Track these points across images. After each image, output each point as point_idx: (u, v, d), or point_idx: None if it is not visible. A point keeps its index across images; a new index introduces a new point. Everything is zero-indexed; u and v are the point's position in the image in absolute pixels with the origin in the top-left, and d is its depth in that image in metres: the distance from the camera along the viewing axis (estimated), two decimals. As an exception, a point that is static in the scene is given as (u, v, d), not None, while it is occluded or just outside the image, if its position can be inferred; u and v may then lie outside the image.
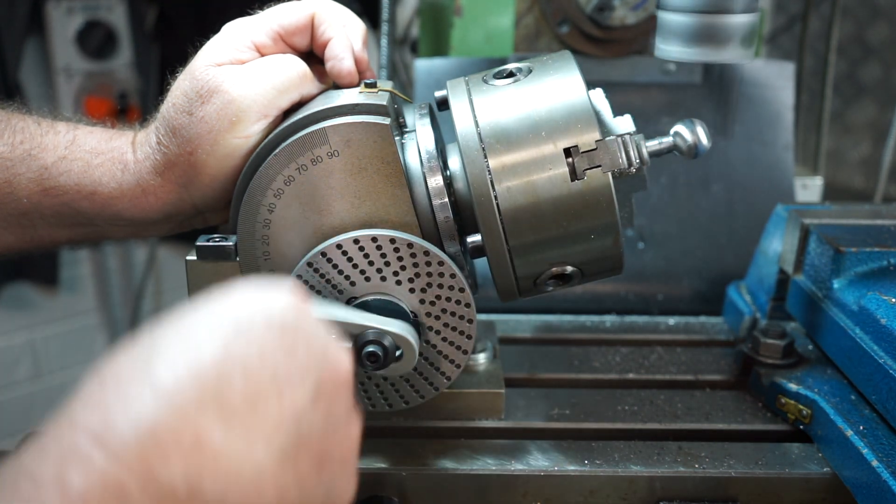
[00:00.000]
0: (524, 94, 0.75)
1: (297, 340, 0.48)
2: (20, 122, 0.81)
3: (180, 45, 0.94)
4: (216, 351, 0.45)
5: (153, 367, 0.44)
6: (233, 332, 0.46)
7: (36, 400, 2.64)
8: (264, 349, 0.46)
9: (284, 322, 0.48)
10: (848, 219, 0.98)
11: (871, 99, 2.67)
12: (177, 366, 0.44)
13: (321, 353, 0.50)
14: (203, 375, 0.44)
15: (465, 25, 1.31)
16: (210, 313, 0.48)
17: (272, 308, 0.49)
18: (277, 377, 0.46)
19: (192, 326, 0.47)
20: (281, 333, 0.48)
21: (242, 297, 0.49)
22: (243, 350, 0.46)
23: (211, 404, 0.43)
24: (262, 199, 0.76)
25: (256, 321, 0.47)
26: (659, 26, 0.86)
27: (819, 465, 0.81)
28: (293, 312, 0.50)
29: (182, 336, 0.46)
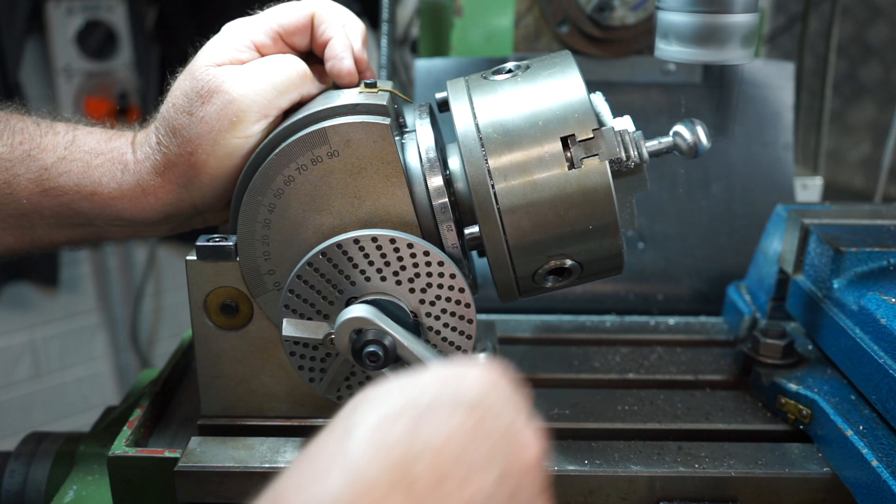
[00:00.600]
0: (523, 93, 0.75)
1: (485, 422, 0.48)
2: (20, 123, 0.81)
3: (180, 45, 0.94)
4: (404, 432, 0.46)
5: (348, 447, 0.45)
6: (420, 413, 0.47)
7: (36, 400, 2.64)
8: (451, 431, 0.46)
9: (472, 402, 0.48)
10: (848, 219, 0.98)
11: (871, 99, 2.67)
12: (369, 447, 0.45)
13: (508, 434, 0.49)
14: (392, 457, 0.44)
15: (465, 25, 1.31)
16: (401, 393, 0.48)
17: (461, 387, 0.49)
18: (463, 460, 0.46)
19: (384, 406, 0.47)
20: (467, 414, 0.48)
21: (435, 376, 0.50)
22: (430, 432, 0.46)
23: (398, 484, 0.44)
24: (262, 198, 0.76)
25: (443, 401, 0.48)
26: (658, 26, 0.86)
27: (819, 465, 0.81)
28: (483, 391, 0.50)
29: (375, 415, 0.47)
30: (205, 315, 0.81)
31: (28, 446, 0.99)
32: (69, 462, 0.94)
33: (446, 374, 0.50)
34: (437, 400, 0.48)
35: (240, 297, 0.80)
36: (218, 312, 0.81)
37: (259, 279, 0.79)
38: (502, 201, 0.72)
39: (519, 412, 0.51)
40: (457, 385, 0.49)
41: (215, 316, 0.81)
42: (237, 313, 0.81)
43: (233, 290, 0.80)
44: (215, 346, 0.82)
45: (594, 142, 0.72)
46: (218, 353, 0.82)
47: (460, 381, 0.50)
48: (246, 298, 0.80)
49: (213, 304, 0.81)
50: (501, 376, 0.52)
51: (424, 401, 0.48)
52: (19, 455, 0.98)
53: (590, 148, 0.72)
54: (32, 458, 0.97)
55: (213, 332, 0.82)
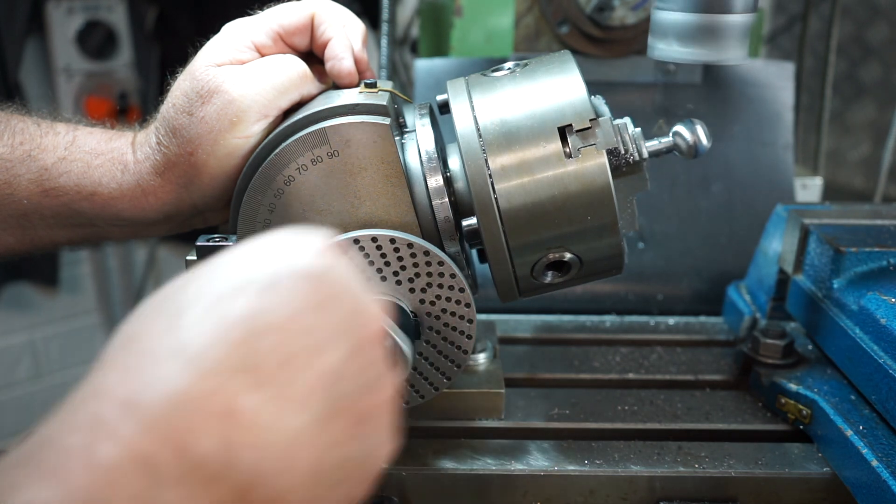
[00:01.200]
0: (523, 91, 0.75)
1: (330, 296, 0.45)
2: (20, 123, 0.81)
3: (180, 45, 0.94)
4: (245, 310, 0.42)
5: (180, 329, 0.41)
6: (262, 288, 0.43)
7: (36, 400, 2.64)
8: (296, 306, 0.43)
9: (316, 274, 0.45)
10: (848, 219, 0.98)
11: (871, 99, 2.67)
12: (205, 328, 0.41)
13: (355, 309, 0.47)
14: (233, 338, 0.41)
15: (465, 25, 1.31)
16: (238, 267, 0.45)
17: (303, 259, 0.46)
18: (310, 337, 0.43)
19: (220, 283, 0.44)
20: (313, 287, 0.45)
21: (271, 248, 0.46)
22: (274, 308, 0.43)
23: (242, 369, 0.41)
24: (263, 198, 0.76)
25: (287, 274, 0.44)
26: (653, 26, 0.86)
27: (819, 465, 0.81)
28: (326, 263, 0.46)
29: (208, 293, 0.43)
30: (205, 315, 0.81)
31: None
32: (69, 462, 0.94)
33: (285, 244, 0.46)
34: (279, 272, 0.44)
35: (240, 297, 0.80)
36: (218, 312, 0.81)
37: (259, 279, 0.79)
38: (503, 204, 0.72)
39: (361, 285, 0.48)
40: (298, 256, 0.46)
41: (215, 316, 0.81)
42: (237, 313, 0.81)
43: (233, 290, 0.80)
44: (215, 346, 0.82)
45: (591, 132, 0.72)
46: (218, 353, 0.82)
47: (301, 251, 0.46)
48: (246, 298, 0.80)
49: (213, 304, 0.80)
50: (341, 246, 0.49)
51: (265, 273, 0.44)
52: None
53: (587, 138, 0.72)
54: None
55: (214, 332, 0.81)
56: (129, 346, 0.42)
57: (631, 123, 0.76)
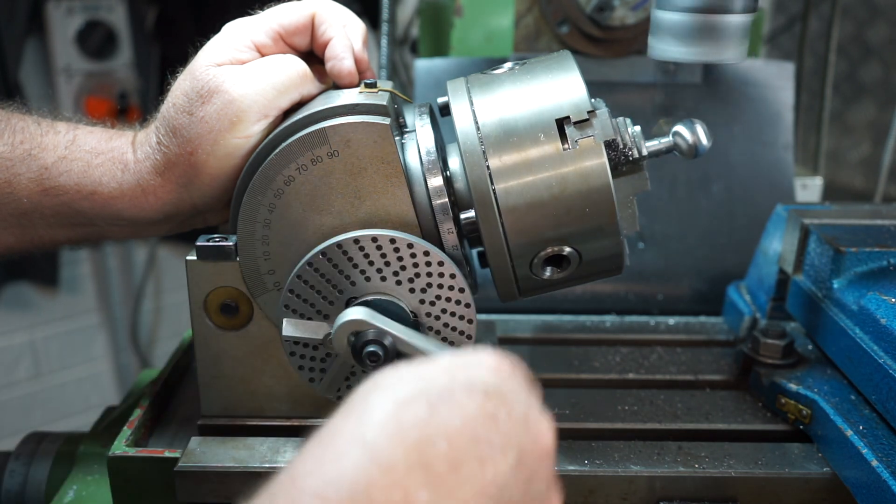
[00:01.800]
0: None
1: (500, 407, 0.49)
2: (20, 122, 0.82)
3: (180, 45, 0.94)
4: (422, 416, 0.46)
5: (366, 429, 0.45)
6: (437, 397, 0.47)
7: (36, 400, 2.64)
8: (467, 416, 0.47)
9: (487, 388, 0.49)
10: (848, 219, 0.98)
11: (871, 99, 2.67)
12: (387, 429, 0.45)
13: (523, 422, 0.50)
14: (410, 440, 0.45)
15: (465, 25, 1.31)
16: (419, 377, 0.49)
17: (476, 373, 0.50)
18: (479, 446, 0.46)
19: (401, 389, 0.48)
20: (483, 399, 0.48)
21: (451, 362, 0.50)
22: (448, 417, 0.46)
23: (417, 466, 0.44)
24: (263, 198, 0.76)
25: (459, 386, 0.48)
26: (653, 26, 0.86)
27: (819, 465, 0.81)
28: (497, 378, 0.50)
29: (392, 398, 0.47)
30: (205, 315, 0.81)
31: (28, 446, 0.99)
32: (69, 462, 0.94)
33: (460, 360, 0.51)
34: (452, 384, 0.48)
35: (240, 297, 0.80)
36: (218, 312, 0.81)
37: (259, 279, 0.79)
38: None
39: (533, 401, 0.52)
40: (472, 371, 0.50)
41: (215, 316, 0.81)
42: (237, 313, 0.81)
43: (233, 290, 0.80)
44: (215, 346, 0.82)
45: (589, 123, 0.72)
46: (218, 353, 0.82)
47: (475, 367, 0.50)
48: (246, 298, 0.80)
49: (213, 304, 0.81)
50: (514, 365, 0.52)
51: (440, 385, 0.48)
52: (19, 455, 0.98)
53: (585, 129, 0.72)
54: (32, 458, 0.97)
55: (213, 332, 0.82)
56: (321, 440, 0.47)
57: (631, 123, 0.77)
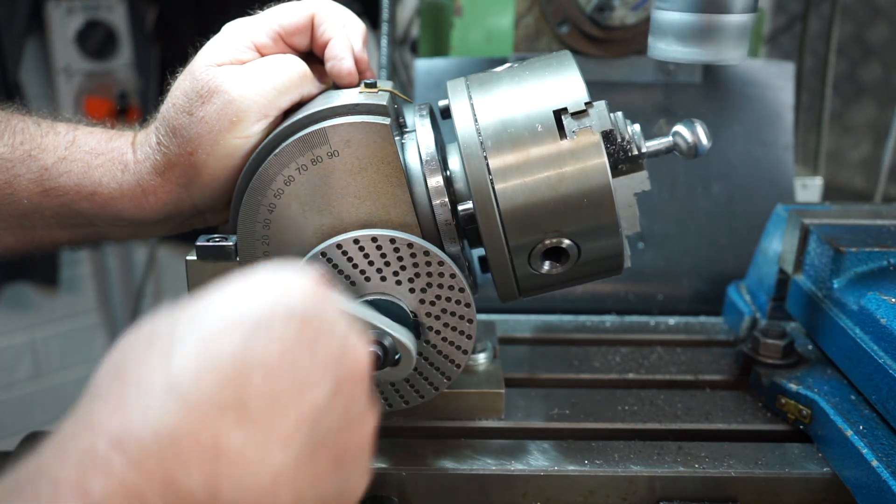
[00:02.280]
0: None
1: (318, 334, 0.47)
2: (20, 123, 0.81)
3: (180, 45, 0.94)
4: (236, 348, 0.44)
5: (172, 365, 0.43)
6: (253, 327, 0.45)
7: (36, 400, 2.64)
8: (285, 345, 0.45)
9: (305, 314, 0.47)
10: (848, 219, 0.98)
11: (871, 99, 2.67)
12: (196, 365, 0.43)
13: (341, 348, 0.48)
14: (223, 376, 0.43)
15: (465, 25, 1.31)
16: (229, 305, 0.46)
17: (293, 298, 0.47)
18: (297, 375, 0.45)
19: (211, 320, 0.45)
20: (301, 327, 0.46)
21: (262, 286, 0.47)
22: (264, 347, 0.44)
23: (230, 407, 0.42)
24: (262, 199, 0.76)
25: (277, 314, 0.46)
26: (653, 26, 0.86)
27: (819, 465, 0.81)
28: (314, 303, 0.48)
29: (201, 330, 0.44)
30: (205, 315, 0.81)
31: (28, 446, 0.99)
32: (69, 462, 0.94)
33: (275, 283, 0.48)
34: (268, 312, 0.46)
35: (240, 297, 0.80)
36: (218, 312, 0.81)
37: (259, 279, 0.79)
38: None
39: (349, 323, 0.50)
40: (287, 295, 0.47)
41: (215, 316, 0.81)
42: (237, 313, 0.81)
43: (233, 290, 0.80)
44: (215, 346, 0.82)
45: (586, 114, 0.73)
46: (218, 353, 0.82)
47: (290, 291, 0.48)
48: (246, 298, 0.80)
49: (213, 304, 0.81)
50: (328, 286, 0.50)
51: (254, 313, 0.45)
52: (19, 455, 0.97)
53: (582, 120, 0.72)
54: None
55: (214, 332, 0.81)
56: (120, 378, 0.43)
57: (630, 122, 0.77)
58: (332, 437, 0.47)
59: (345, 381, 0.48)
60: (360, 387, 0.50)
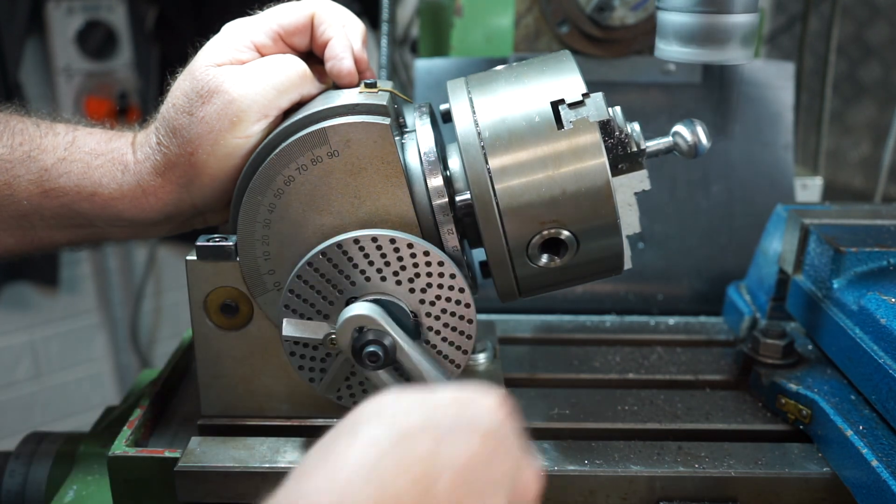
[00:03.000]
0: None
1: (498, 449, 0.50)
2: (19, 124, 0.81)
3: (180, 45, 0.94)
4: (428, 450, 0.47)
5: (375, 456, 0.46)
6: (444, 433, 0.48)
7: (36, 400, 2.64)
8: (469, 455, 0.48)
9: (488, 429, 0.50)
10: (848, 219, 0.98)
11: (871, 99, 2.67)
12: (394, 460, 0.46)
13: (517, 465, 0.51)
14: (416, 474, 0.46)
15: (465, 25, 1.31)
16: (426, 407, 0.50)
17: (479, 413, 0.51)
18: (478, 483, 0.47)
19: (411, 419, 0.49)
20: (484, 440, 0.49)
21: (455, 395, 0.52)
22: (452, 453, 0.47)
23: (422, 500, 0.45)
24: (263, 198, 0.76)
25: (464, 424, 0.49)
26: (660, 26, 0.86)
27: (819, 465, 0.81)
28: (496, 419, 0.51)
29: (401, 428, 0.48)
30: (205, 315, 0.81)
31: (28, 446, 0.99)
32: (69, 462, 0.94)
33: (464, 397, 0.52)
34: (457, 421, 0.49)
35: (240, 297, 0.80)
36: (218, 312, 0.81)
37: (259, 279, 0.79)
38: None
39: (524, 447, 0.53)
40: (474, 409, 0.51)
41: (215, 316, 0.81)
42: (237, 313, 0.81)
43: (233, 290, 0.80)
44: (215, 346, 0.82)
45: (583, 104, 0.73)
46: (218, 353, 0.82)
47: (477, 405, 0.52)
48: (246, 298, 0.80)
49: (213, 304, 0.81)
50: (510, 408, 0.54)
51: (445, 422, 0.49)
52: (19, 455, 0.98)
53: (579, 110, 0.73)
54: (32, 458, 0.97)
55: (213, 332, 0.82)
56: (328, 458, 0.47)
57: (630, 122, 0.77)
58: None
59: (517, 496, 0.51)
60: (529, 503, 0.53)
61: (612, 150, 0.74)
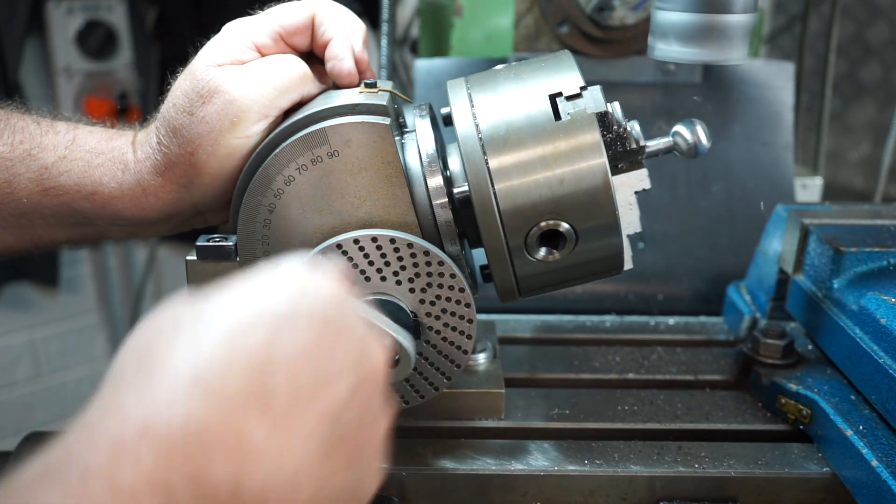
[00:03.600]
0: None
1: (339, 335, 0.48)
2: (20, 122, 0.81)
3: (180, 45, 0.94)
4: (262, 344, 0.45)
5: (199, 356, 0.43)
6: (278, 323, 0.46)
7: (36, 400, 2.64)
8: (308, 343, 0.46)
9: (327, 315, 0.48)
10: (848, 219, 0.98)
11: (871, 99, 2.67)
12: (223, 358, 0.43)
13: (360, 348, 0.50)
14: (249, 370, 0.43)
15: (465, 25, 1.31)
16: (255, 300, 0.47)
17: (316, 299, 0.49)
18: (319, 373, 0.46)
19: (238, 314, 0.46)
20: (323, 326, 0.48)
21: (285, 283, 0.49)
22: (288, 343, 0.45)
23: (255, 401, 0.43)
24: (263, 198, 0.76)
25: (300, 312, 0.47)
26: (655, 26, 0.86)
27: (819, 465, 0.81)
28: (336, 304, 0.49)
29: (227, 323, 0.45)
30: (205, 315, 0.81)
31: (28, 446, 0.99)
32: (69, 462, 0.94)
33: (298, 282, 0.49)
34: (292, 310, 0.47)
35: (240, 297, 0.80)
36: (218, 312, 0.81)
37: (259, 279, 0.79)
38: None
39: (367, 325, 0.52)
40: (310, 295, 0.49)
41: (215, 316, 0.81)
42: (237, 313, 0.81)
43: (233, 289, 0.80)
44: (215, 345, 0.82)
45: (580, 96, 0.73)
46: (218, 353, 0.82)
47: (313, 290, 0.49)
48: (246, 298, 0.80)
49: (213, 304, 0.80)
50: (348, 286, 0.52)
51: (279, 310, 0.47)
52: (19, 455, 0.98)
53: (577, 103, 0.73)
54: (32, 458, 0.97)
55: (214, 332, 0.81)
56: (145, 365, 0.44)
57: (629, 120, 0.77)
58: (349, 434, 0.48)
59: (363, 381, 0.49)
60: (377, 386, 0.51)
61: (612, 146, 0.74)
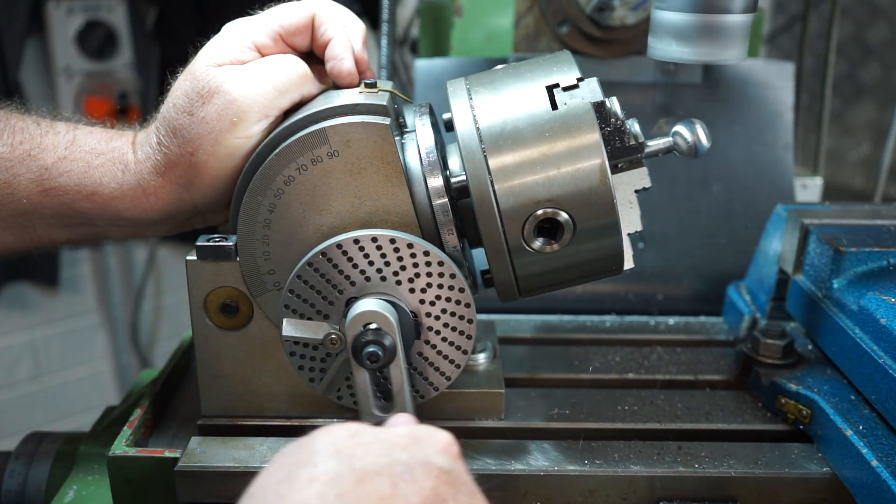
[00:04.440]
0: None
1: (450, 488, 0.51)
2: (20, 123, 0.81)
3: (180, 45, 0.94)
4: (386, 489, 0.48)
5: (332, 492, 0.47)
6: (399, 473, 0.49)
7: (36, 400, 2.64)
8: (424, 494, 0.49)
9: (441, 468, 0.51)
10: (848, 219, 0.98)
11: (871, 99, 2.67)
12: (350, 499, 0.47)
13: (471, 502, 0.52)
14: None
15: (465, 25, 1.31)
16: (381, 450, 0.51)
17: (432, 451, 0.52)
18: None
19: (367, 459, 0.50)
20: (437, 479, 0.50)
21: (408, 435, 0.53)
22: (407, 493, 0.48)
23: None
24: (263, 199, 0.76)
25: (420, 463, 0.51)
26: (653, 26, 0.86)
27: (819, 465, 0.81)
28: (449, 458, 0.53)
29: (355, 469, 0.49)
30: (205, 315, 0.81)
31: (28, 446, 0.99)
32: (69, 462, 0.94)
33: (418, 436, 0.54)
34: (412, 461, 0.50)
35: (240, 297, 0.80)
36: (218, 312, 0.81)
37: (259, 279, 0.79)
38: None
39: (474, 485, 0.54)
40: (428, 449, 0.53)
41: (215, 316, 0.81)
42: (237, 313, 0.81)
43: (233, 290, 0.80)
44: (215, 346, 0.82)
45: (577, 86, 0.73)
46: (218, 353, 0.82)
47: (431, 445, 0.53)
48: (246, 298, 0.80)
49: (213, 304, 0.81)
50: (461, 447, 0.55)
51: (402, 461, 0.50)
52: (19, 455, 0.98)
53: (574, 93, 0.73)
54: (32, 458, 0.97)
55: (213, 332, 0.82)
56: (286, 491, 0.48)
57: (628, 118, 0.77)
58: None
59: None
60: None
61: (610, 140, 0.74)
